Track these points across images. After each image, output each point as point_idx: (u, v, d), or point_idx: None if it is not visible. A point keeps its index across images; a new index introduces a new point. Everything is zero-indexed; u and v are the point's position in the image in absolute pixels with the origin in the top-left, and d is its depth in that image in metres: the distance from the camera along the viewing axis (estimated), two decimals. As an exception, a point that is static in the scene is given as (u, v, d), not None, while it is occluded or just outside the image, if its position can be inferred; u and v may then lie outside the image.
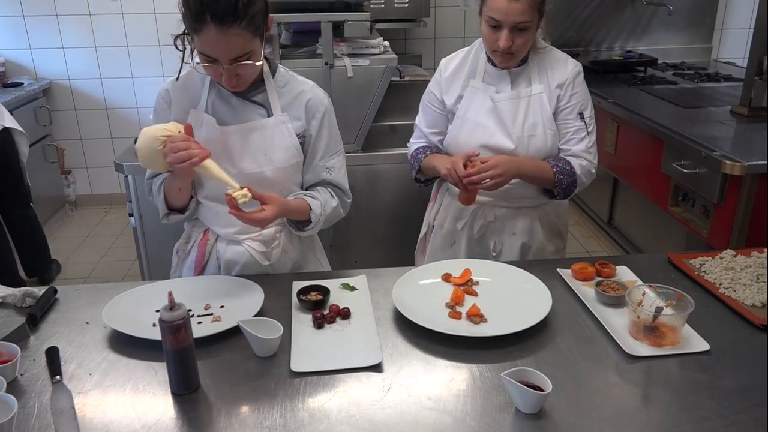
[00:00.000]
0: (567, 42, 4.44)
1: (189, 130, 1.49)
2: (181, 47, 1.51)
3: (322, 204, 1.65)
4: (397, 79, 3.03)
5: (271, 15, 1.52)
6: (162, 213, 1.68)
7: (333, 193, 1.71)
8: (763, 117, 2.92)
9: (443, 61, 1.96)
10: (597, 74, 4.09)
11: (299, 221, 1.67)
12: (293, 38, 3.02)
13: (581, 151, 1.82)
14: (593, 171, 1.85)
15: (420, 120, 1.99)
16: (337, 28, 2.77)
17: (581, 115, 1.82)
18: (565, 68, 1.83)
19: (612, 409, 1.16)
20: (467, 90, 1.86)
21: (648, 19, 4.50)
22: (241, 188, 1.46)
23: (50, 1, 4.27)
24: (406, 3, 3.73)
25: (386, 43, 2.95)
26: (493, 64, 1.82)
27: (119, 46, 4.42)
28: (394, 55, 2.86)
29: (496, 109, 1.81)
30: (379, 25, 3.62)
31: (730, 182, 2.46)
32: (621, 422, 1.12)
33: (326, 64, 2.72)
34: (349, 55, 2.79)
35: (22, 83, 4.18)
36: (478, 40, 1.86)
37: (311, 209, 1.63)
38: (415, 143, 2.00)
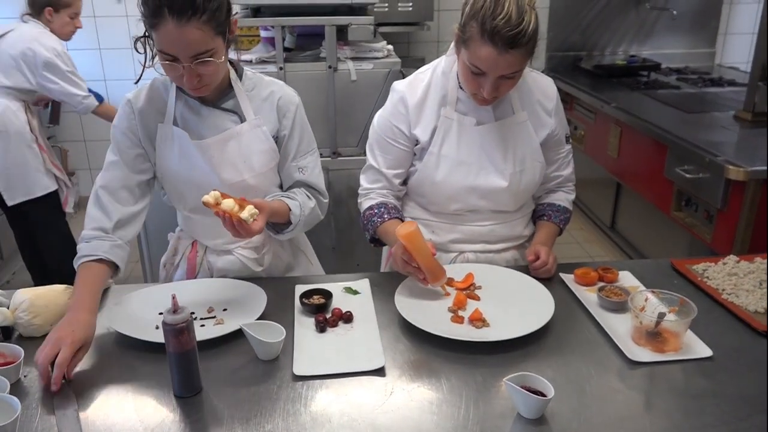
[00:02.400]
0: (571, 46, 4.43)
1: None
2: (141, 51, 1.45)
3: (301, 205, 1.59)
4: (401, 82, 3.03)
5: (234, 18, 1.46)
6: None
7: (309, 195, 1.65)
8: (766, 122, 2.92)
9: (400, 88, 1.66)
10: (600, 78, 4.09)
11: (277, 224, 1.59)
12: (297, 42, 3.02)
13: (570, 173, 1.78)
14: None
15: (378, 160, 1.70)
16: (341, 31, 2.78)
17: (567, 138, 1.75)
18: (547, 90, 1.67)
19: (614, 415, 1.16)
20: (440, 121, 1.62)
21: (652, 23, 4.50)
22: (240, 205, 1.37)
23: (55, 3, 4.29)
24: (410, 7, 3.74)
25: (390, 46, 2.96)
26: None
27: (124, 48, 4.43)
28: (398, 59, 2.87)
29: (482, 142, 1.62)
30: (382, 29, 3.64)
31: (733, 188, 2.46)
32: (623, 428, 1.12)
33: (330, 67, 2.72)
34: (353, 59, 2.80)
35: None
36: (440, 60, 1.66)
37: (290, 210, 1.56)
38: (368, 196, 1.73)
